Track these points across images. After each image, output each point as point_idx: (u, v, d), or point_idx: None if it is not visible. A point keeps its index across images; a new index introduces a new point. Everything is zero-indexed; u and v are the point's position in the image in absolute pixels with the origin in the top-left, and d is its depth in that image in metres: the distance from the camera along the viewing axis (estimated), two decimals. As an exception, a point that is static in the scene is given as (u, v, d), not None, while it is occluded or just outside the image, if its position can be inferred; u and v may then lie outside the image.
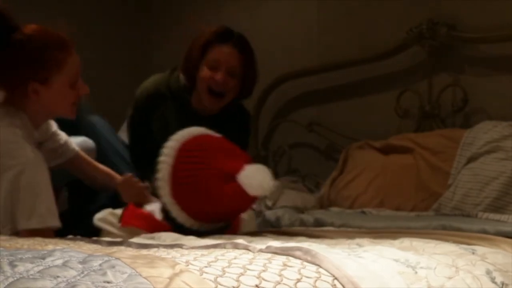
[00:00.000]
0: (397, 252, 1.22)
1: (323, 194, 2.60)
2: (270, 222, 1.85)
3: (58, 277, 0.83)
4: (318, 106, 3.06)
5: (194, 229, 1.70)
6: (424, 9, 2.69)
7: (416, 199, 2.35)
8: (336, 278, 1.02)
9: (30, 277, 0.83)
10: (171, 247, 1.25)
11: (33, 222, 1.73)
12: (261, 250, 1.11)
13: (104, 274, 0.84)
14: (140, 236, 1.59)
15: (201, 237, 1.54)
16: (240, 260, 1.00)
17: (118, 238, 1.63)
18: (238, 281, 0.92)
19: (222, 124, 2.20)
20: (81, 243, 1.36)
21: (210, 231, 1.68)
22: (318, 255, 1.06)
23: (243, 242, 1.19)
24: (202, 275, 0.91)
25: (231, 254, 1.05)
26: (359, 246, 1.35)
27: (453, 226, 1.68)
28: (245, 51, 2.35)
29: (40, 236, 1.56)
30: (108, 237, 1.71)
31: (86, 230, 1.81)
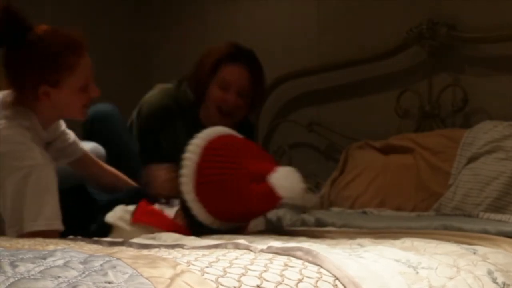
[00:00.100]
0: (398, 252, 1.22)
1: (324, 194, 2.60)
2: (271, 222, 1.86)
3: (59, 277, 0.83)
4: (318, 106, 3.06)
5: (213, 227, 1.69)
6: (424, 9, 2.68)
7: (416, 199, 2.35)
8: (337, 278, 1.02)
9: (31, 277, 0.83)
10: (172, 247, 1.25)
11: (39, 224, 1.72)
12: (262, 250, 1.12)
13: (105, 275, 0.84)
14: (141, 236, 1.59)
15: (205, 236, 1.54)
16: (241, 260, 1.00)
17: (129, 235, 1.64)
18: (239, 281, 0.92)
19: None
20: (82, 243, 1.36)
21: (226, 230, 1.68)
22: (319, 256, 1.06)
23: (244, 242, 1.19)
24: (203, 275, 0.91)
25: (232, 254, 1.05)
26: (360, 246, 1.35)
27: (454, 226, 1.68)
28: (255, 70, 2.40)
29: (44, 238, 1.56)
30: (119, 234, 1.72)
31: (99, 225, 1.82)
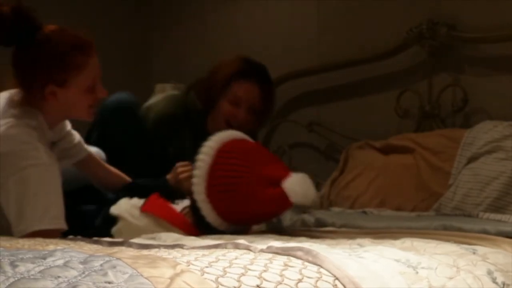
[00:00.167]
0: (398, 252, 1.22)
1: (324, 194, 2.60)
2: (272, 222, 1.86)
3: (59, 277, 0.83)
4: (318, 106, 3.06)
5: (220, 229, 1.70)
6: (424, 9, 2.68)
7: (416, 199, 2.35)
8: (337, 278, 1.02)
9: (31, 277, 0.83)
10: (172, 247, 1.25)
11: (44, 223, 1.72)
12: (262, 250, 1.12)
13: (105, 275, 0.84)
14: (140, 236, 1.59)
15: (205, 236, 1.54)
16: (241, 260, 1.00)
17: (134, 227, 1.65)
18: (239, 281, 0.92)
19: None
20: (82, 243, 1.36)
21: (232, 232, 1.68)
22: (319, 255, 1.06)
23: (244, 242, 1.19)
24: (203, 275, 0.91)
25: (232, 254, 1.05)
26: (360, 246, 1.35)
27: (454, 226, 1.68)
28: (266, 86, 2.42)
29: (46, 237, 1.56)
30: (125, 225, 1.72)
31: (104, 218, 1.82)
